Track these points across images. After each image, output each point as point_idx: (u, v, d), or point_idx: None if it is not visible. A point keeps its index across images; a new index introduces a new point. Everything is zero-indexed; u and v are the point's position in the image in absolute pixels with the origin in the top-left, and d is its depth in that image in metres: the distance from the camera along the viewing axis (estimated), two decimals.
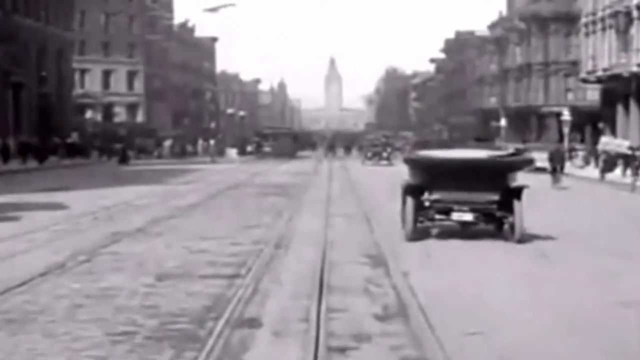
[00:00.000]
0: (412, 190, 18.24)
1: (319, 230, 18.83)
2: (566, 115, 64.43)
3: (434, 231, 18.78)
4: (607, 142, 50.94)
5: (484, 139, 69.32)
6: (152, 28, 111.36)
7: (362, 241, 17.25)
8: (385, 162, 62.11)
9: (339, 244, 16.76)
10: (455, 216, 18.16)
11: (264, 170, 51.49)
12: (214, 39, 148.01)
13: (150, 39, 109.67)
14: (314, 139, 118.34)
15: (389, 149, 65.64)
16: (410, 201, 17.99)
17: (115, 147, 65.25)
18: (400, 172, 22.67)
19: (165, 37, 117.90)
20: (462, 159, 18.67)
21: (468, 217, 18.09)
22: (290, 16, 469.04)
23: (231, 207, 25.28)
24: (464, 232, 18.34)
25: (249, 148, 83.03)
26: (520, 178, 18.95)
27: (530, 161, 21.18)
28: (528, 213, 18.28)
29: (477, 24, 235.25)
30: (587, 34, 71.78)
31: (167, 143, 79.38)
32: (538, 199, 24.88)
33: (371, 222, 20.82)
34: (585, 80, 72.97)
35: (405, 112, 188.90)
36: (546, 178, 41.17)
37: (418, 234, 17.93)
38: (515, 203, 17.74)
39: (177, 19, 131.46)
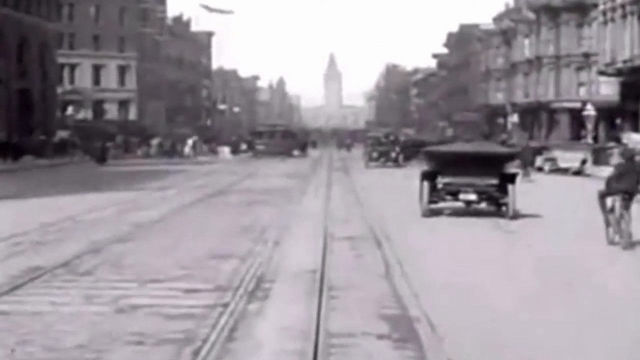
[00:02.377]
0: (428, 176, 22.36)
1: (313, 265, 13.55)
2: (590, 110, 59.30)
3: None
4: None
5: (470, 139, 66.44)
6: (144, 21, 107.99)
7: (376, 287, 11.99)
8: (392, 163, 54.12)
9: (342, 293, 11.46)
10: (462, 196, 22.17)
11: (255, 172, 45.93)
12: (211, 34, 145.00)
13: (143, 33, 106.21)
14: (313, 137, 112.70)
15: (397, 149, 56.96)
16: (426, 184, 22.15)
17: (94, 146, 60.02)
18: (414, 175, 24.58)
19: (159, 31, 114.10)
20: (468, 151, 23.57)
21: (472, 197, 22.09)
22: (289, 11, 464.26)
23: (204, 224, 20.04)
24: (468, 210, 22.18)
25: (243, 146, 77.35)
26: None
27: (519, 154, 28.45)
28: None
29: (481, 17, 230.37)
30: (605, 23, 67.02)
31: (155, 141, 73.54)
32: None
33: (385, 250, 15.55)
34: (603, 73, 68.04)
35: (407, 108, 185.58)
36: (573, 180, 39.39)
37: (431, 212, 21.88)
38: (510, 186, 21.71)
39: (172, 13, 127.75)
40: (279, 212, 22.98)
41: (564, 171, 45.38)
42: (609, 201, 16.61)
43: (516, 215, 21.33)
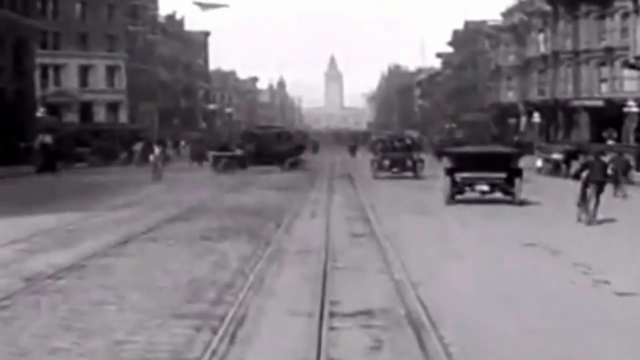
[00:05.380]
0: (449, 172, 28.30)
1: None
2: (633, 106, 52.70)
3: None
4: None
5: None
6: (134, 19, 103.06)
7: None
8: (410, 173, 44.77)
9: None
10: (477, 187, 28.01)
11: (241, 183, 38.82)
12: (207, 34, 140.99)
13: (133, 31, 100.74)
14: (314, 140, 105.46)
15: (414, 155, 47.01)
16: (447, 179, 28.08)
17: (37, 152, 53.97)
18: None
19: (150, 30, 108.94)
20: (481, 151, 31.42)
21: (485, 187, 27.96)
22: (290, 11, 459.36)
23: (134, 277, 13.11)
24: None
25: (238, 151, 69.71)
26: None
27: (521, 153, 33.24)
28: None
29: (483, 14, 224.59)
30: (636, 11, 60.89)
31: (138, 146, 66.24)
32: None
33: (432, 346, 8.81)
34: (632, 66, 62.16)
35: (409, 109, 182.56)
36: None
37: (453, 201, 27.50)
38: (516, 179, 27.84)
39: (164, 11, 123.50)
40: (256, 252, 15.99)
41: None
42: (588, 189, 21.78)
43: (522, 202, 27.05)
